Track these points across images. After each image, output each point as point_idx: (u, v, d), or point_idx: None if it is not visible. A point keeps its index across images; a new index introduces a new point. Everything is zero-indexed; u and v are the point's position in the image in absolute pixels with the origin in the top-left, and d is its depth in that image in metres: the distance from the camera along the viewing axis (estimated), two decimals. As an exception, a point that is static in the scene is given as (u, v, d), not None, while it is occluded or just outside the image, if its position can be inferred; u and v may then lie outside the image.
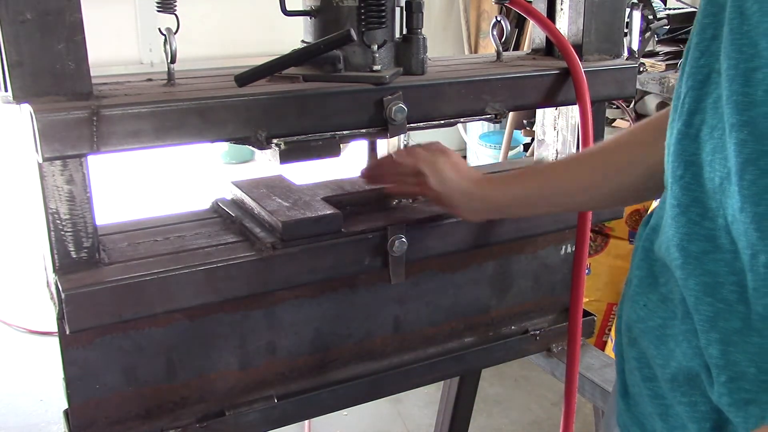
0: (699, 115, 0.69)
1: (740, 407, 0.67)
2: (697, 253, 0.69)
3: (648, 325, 0.79)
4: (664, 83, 2.81)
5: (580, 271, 1.31)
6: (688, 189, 0.70)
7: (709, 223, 0.68)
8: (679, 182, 0.71)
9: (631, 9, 1.37)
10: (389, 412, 2.73)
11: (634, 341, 0.82)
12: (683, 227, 0.70)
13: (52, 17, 0.89)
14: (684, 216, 0.70)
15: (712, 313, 0.68)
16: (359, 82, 1.10)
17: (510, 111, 1.23)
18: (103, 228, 1.09)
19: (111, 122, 0.93)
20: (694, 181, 0.70)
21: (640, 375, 0.81)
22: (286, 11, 1.15)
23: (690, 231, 0.70)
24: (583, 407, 2.50)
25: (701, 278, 0.69)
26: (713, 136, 0.67)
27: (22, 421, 2.70)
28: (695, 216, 0.70)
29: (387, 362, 1.29)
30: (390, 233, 1.14)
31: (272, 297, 1.14)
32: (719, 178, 0.66)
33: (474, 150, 4.88)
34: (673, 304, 0.75)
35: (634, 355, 0.82)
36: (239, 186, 1.24)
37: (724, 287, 0.68)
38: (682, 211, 0.71)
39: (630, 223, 2.86)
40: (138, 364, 1.07)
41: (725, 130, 0.65)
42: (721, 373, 0.67)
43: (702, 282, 0.69)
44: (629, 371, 0.83)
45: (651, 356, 0.78)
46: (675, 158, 0.72)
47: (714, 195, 0.67)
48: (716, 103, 0.67)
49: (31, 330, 3.29)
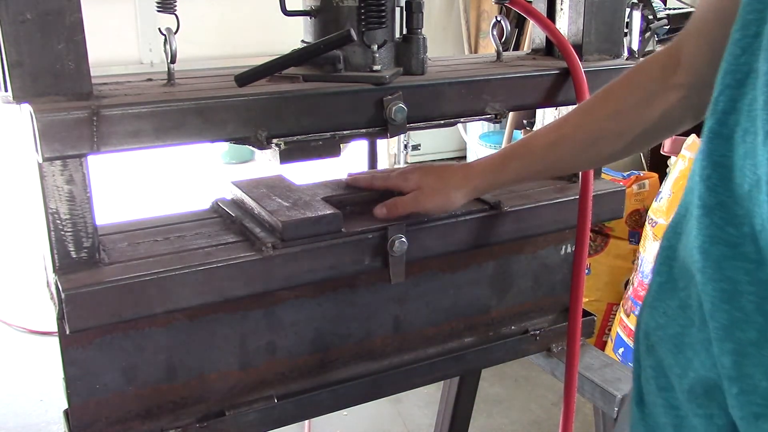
0: (734, 115, 0.66)
1: (751, 422, 0.64)
2: (718, 257, 0.67)
3: (666, 333, 0.76)
4: (664, 83, 2.80)
5: (580, 271, 1.31)
6: (714, 191, 0.67)
7: (733, 230, 0.66)
8: (705, 182, 0.68)
9: (631, 9, 1.37)
10: (389, 412, 2.73)
11: (651, 349, 0.79)
12: (706, 229, 0.68)
13: (52, 17, 0.89)
14: (707, 218, 0.68)
15: (728, 321, 0.66)
16: (359, 82, 1.10)
17: (510, 111, 1.23)
18: (103, 228, 1.09)
19: (111, 122, 0.93)
20: (721, 183, 0.67)
21: (655, 384, 0.78)
22: (286, 11, 1.15)
23: (712, 234, 0.67)
24: (583, 407, 2.50)
25: (720, 284, 0.66)
26: (746, 140, 0.64)
27: (22, 421, 2.70)
28: (719, 220, 0.67)
29: (387, 362, 1.29)
30: (390, 233, 1.14)
31: (272, 297, 1.14)
32: (748, 185, 0.64)
33: (474, 150, 4.88)
34: (692, 311, 0.73)
35: (650, 363, 0.79)
36: (239, 186, 1.24)
37: (743, 296, 0.65)
38: (705, 213, 0.68)
39: (630, 223, 2.86)
40: (138, 364, 1.07)
41: (758, 135, 0.62)
42: (733, 385, 0.65)
43: (720, 288, 0.66)
44: (645, 379, 0.81)
45: (668, 365, 0.76)
46: (704, 157, 0.68)
47: (741, 201, 0.65)
48: (751, 105, 0.64)
49: (31, 330, 3.29)
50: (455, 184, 1.14)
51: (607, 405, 1.36)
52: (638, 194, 2.86)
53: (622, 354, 2.62)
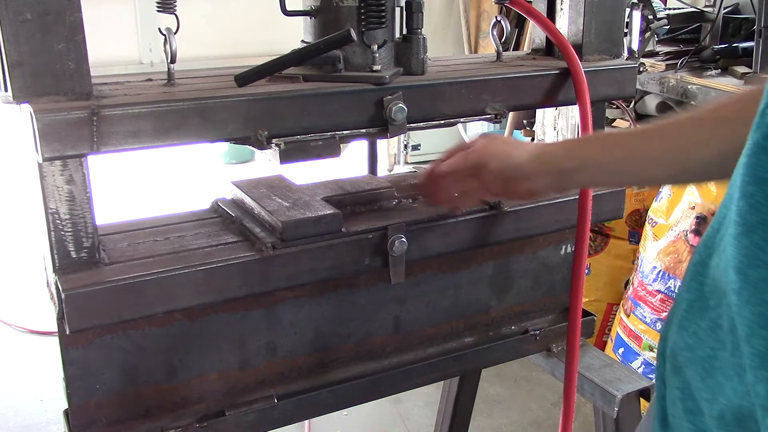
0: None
1: None
2: (756, 279, 0.63)
3: (696, 355, 0.72)
4: (664, 83, 2.81)
5: (580, 271, 1.31)
6: (757, 209, 0.63)
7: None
8: (748, 199, 0.64)
9: (631, 9, 1.37)
10: (389, 412, 2.73)
11: (678, 370, 0.75)
12: (745, 249, 0.63)
13: (52, 17, 0.89)
14: (747, 237, 0.63)
15: (765, 348, 0.62)
16: (359, 82, 1.10)
17: (510, 111, 1.23)
18: (103, 228, 1.09)
19: (111, 122, 0.93)
20: (765, 201, 0.62)
21: (682, 406, 0.74)
22: (286, 11, 1.15)
23: (752, 255, 0.63)
24: (583, 407, 2.50)
25: (758, 308, 0.62)
26: None
27: (22, 421, 2.70)
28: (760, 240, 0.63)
29: (387, 362, 1.29)
30: (390, 233, 1.14)
31: (272, 297, 1.14)
32: None
33: (474, 150, 4.87)
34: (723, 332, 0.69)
35: (677, 384, 0.75)
36: (239, 186, 1.24)
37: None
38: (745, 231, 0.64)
39: (630, 223, 2.86)
40: (138, 364, 1.07)
41: None
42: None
43: (758, 312, 0.62)
44: (671, 401, 0.77)
45: (697, 388, 0.72)
46: (747, 171, 0.64)
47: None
48: None
49: (31, 330, 3.29)
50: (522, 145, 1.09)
51: (607, 405, 1.36)
52: (638, 194, 2.86)
53: (622, 354, 2.62)
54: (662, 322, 2.45)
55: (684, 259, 2.41)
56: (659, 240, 2.51)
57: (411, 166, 5.34)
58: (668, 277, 2.44)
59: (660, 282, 2.47)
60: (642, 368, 2.50)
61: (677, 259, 2.43)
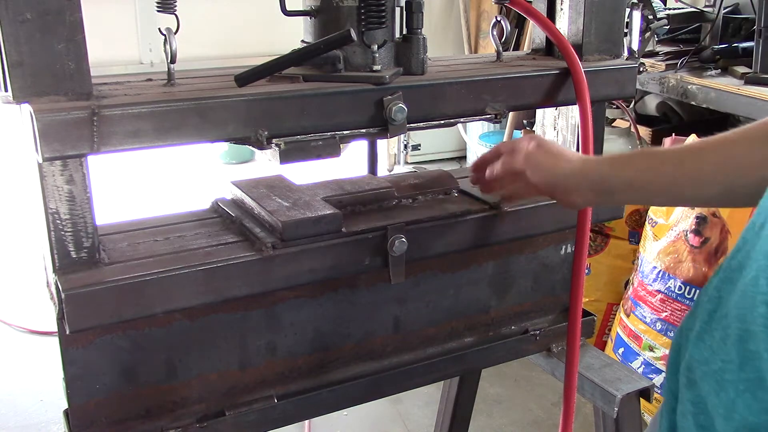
0: None
1: None
2: None
3: (710, 369, 0.71)
4: (664, 83, 2.81)
5: (579, 271, 1.31)
6: None
7: None
8: None
9: (631, 9, 1.37)
10: (389, 412, 2.73)
11: (693, 383, 0.74)
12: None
13: (52, 17, 0.89)
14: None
15: None
16: (359, 82, 1.10)
17: (510, 111, 1.23)
18: (103, 228, 1.09)
19: (111, 122, 0.93)
20: None
21: (694, 421, 0.73)
22: (286, 11, 1.15)
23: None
24: (583, 407, 2.50)
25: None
26: None
27: (22, 421, 2.70)
28: None
29: (387, 362, 1.29)
30: (390, 233, 1.14)
31: (272, 297, 1.14)
32: None
33: (474, 150, 4.88)
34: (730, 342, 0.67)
35: (690, 398, 0.74)
36: (239, 186, 1.24)
37: None
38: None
39: (630, 223, 2.86)
40: (138, 364, 1.07)
41: None
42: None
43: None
44: (682, 414, 0.76)
45: (711, 404, 0.70)
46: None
47: None
48: None
49: (31, 330, 3.29)
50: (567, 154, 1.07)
51: (607, 405, 1.36)
52: (638, 194, 2.85)
53: (622, 354, 2.62)
54: (662, 322, 2.45)
55: (684, 259, 2.41)
56: (659, 240, 2.51)
57: (411, 166, 5.34)
58: (668, 277, 2.44)
59: (660, 282, 2.47)
60: (642, 368, 2.50)
61: (677, 259, 2.43)
